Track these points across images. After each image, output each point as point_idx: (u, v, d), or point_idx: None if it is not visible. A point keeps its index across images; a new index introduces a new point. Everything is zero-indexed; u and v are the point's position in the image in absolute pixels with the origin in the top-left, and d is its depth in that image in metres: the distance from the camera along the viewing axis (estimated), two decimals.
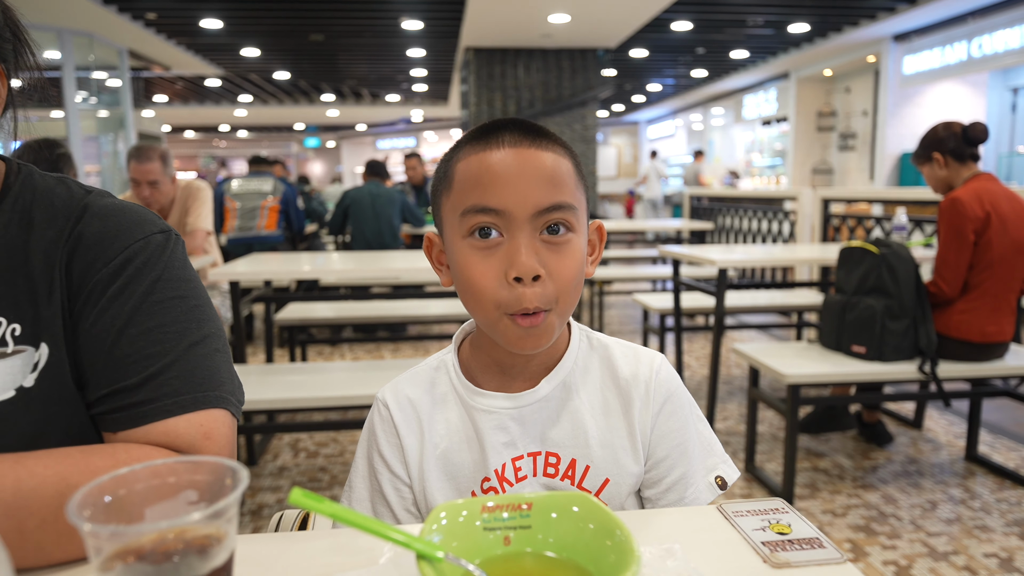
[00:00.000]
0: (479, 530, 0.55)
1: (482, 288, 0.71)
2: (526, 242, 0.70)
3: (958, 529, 2.30)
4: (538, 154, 0.72)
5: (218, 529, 0.46)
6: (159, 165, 3.14)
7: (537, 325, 0.71)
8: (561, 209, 0.71)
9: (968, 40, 7.96)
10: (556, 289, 0.71)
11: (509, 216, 0.70)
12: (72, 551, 0.59)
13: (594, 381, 0.81)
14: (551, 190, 0.71)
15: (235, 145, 22.08)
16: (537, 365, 0.81)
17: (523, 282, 0.69)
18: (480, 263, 0.71)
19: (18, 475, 0.58)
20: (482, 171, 0.71)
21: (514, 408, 0.78)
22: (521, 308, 0.70)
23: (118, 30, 7.06)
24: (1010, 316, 2.54)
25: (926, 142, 2.63)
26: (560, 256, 0.71)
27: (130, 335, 0.69)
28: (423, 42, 8.58)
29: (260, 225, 4.87)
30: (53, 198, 0.73)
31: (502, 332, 0.73)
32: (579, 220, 0.73)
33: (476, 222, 0.71)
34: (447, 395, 0.82)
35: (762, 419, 3.35)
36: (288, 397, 2.31)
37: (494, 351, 0.80)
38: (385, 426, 0.81)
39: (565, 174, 0.73)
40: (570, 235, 0.72)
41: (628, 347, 0.84)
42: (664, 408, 0.80)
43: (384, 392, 0.84)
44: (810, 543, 0.61)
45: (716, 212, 6.55)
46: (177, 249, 0.75)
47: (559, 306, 0.72)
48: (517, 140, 0.72)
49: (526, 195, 0.70)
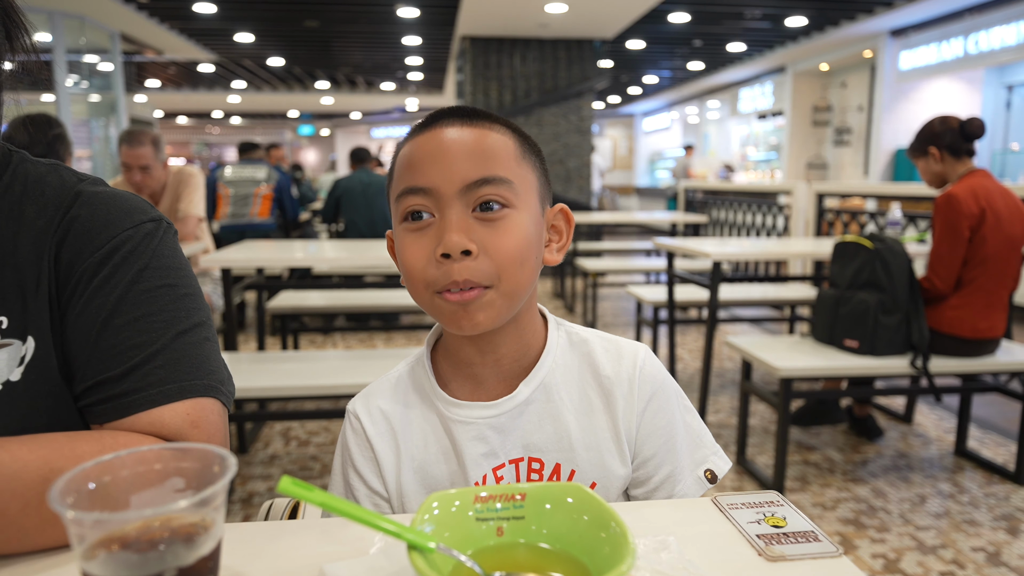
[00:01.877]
0: (471, 520, 0.54)
1: (411, 268, 0.69)
2: (456, 219, 0.67)
3: (946, 523, 2.31)
4: (468, 131, 0.70)
5: (205, 517, 0.45)
6: (151, 150, 3.11)
7: (470, 300, 0.68)
8: (492, 183, 0.68)
9: (964, 36, 7.96)
10: (495, 265, 0.68)
11: (436, 193, 0.68)
12: (56, 537, 0.59)
13: (575, 380, 0.78)
14: (479, 164, 0.68)
15: (228, 132, 21.92)
16: (511, 364, 0.77)
17: (452, 258, 0.66)
18: (412, 244, 0.69)
19: (0, 459, 0.57)
20: (412, 154, 0.71)
21: (492, 417, 0.75)
22: (449, 281, 0.67)
23: (110, 13, 6.98)
24: (1002, 312, 2.55)
25: (922, 136, 2.63)
26: (496, 232, 0.68)
27: (116, 325, 0.67)
28: (419, 30, 8.52)
29: (253, 212, 4.84)
30: (44, 187, 0.71)
31: (437, 312, 0.70)
32: (519, 197, 0.70)
33: (407, 205, 0.70)
34: (421, 404, 0.78)
35: (754, 412, 3.36)
36: (280, 385, 2.30)
37: (461, 351, 0.77)
38: (359, 440, 0.78)
39: (499, 149, 0.70)
40: (507, 211, 0.69)
41: (610, 341, 0.81)
42: (649, 406, 0.77)
43: (355, 404, 0.80)
44: (805, 536, 0.60)
45: (710, 205, 6.55)
46: (167, 237, 0.74)
47: (502, 284, 0.69)
48: (452, 122, 0.71)
49: (452, 170, 0.68)
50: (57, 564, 0.57)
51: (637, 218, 6.51)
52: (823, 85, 11.09)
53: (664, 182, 14.43)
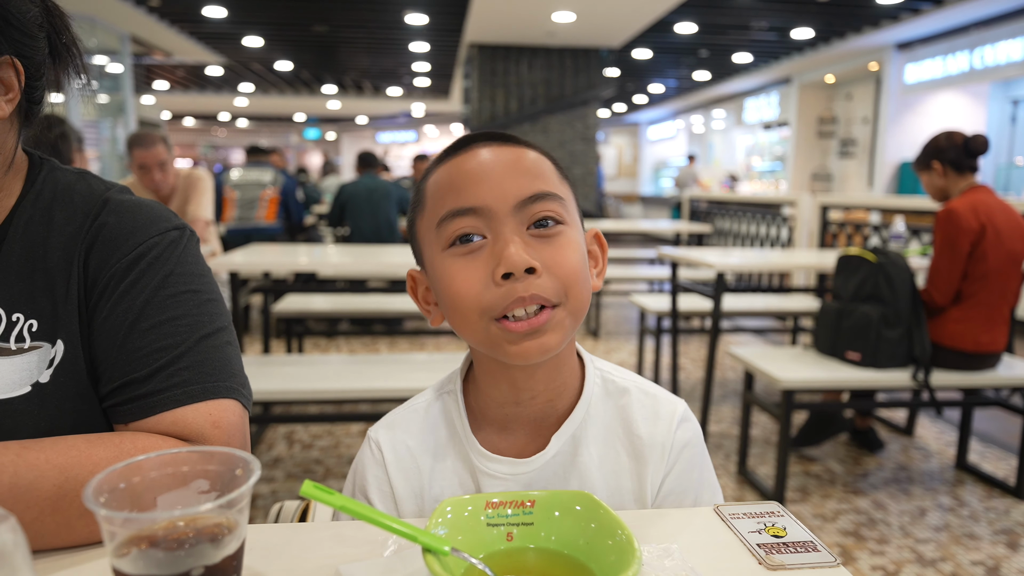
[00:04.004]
0: (483, 525, 0.56)
1: (464, 296, 0.63)
2: (514, 236, 0.63)
3: (946, 536, 2.32)
4: (507, 150, 0.67)
5: (229, 518, 0.47)
6: (163, 147, 3.15)
7: (541, 324, 0.63)
8: (546, 198, 0.65)
9: (970, 51, 7.99)
10: (562, 281, 0.64)
11: (489, 212, 0.64)
12: (71, 538, 0.60)
13: (606, 433, 0.73)
14: (531, 179, 0.65)
15: (234, 134, 22.01)
16: (545, 406, 0.72)
17: (515, 278, 0.61)
18: (462, 270, 0.64)
19: (16, 468, 0.58)
20: (453, 176, 0.66)
21: (523, 474, 0.70)
22: (513, 300, 0.62)
23: (121, 15, 7.04)
24: (1003, 327, 2.56)
25: (927, 150, 2.66)
26: (555, 248, 0.64)
27: (141, 328, 0.70)
28: (427, 36, 8.58)
29: (259, 216, 4.87)
30: (73, 195, 0.74)
31: (495, 343, 0.64)
32: (570, 214, 0.67)
33: (455, 229, 0.64)
34: (451, 447, 0.74)
35: (755, 423, 3.37)
36: (284, 389, 2.32)
37: (495, 389, 0.72)
38: (378, 472, 0.74)
39: (542, 165, 0.68)
40: (561, 227, 0.66)
41: (648, 395, 0.75)
42: (675, 467, 0.73)
43: (379, 434, 0.75)
44: (804, 546, 0.62)
45: (715, 215, 6.57)
46: (191, 245, 0.77)
47: (569, 301, 0.64)
48: (488, 143, 0.68)
49: (504, 187, 0.64)
50: (89, 559, 0.59)
51: (641, 227, 6.52)
52: (828, 97, 11.12)
53: (668, 191, 14.47)
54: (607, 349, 4.96)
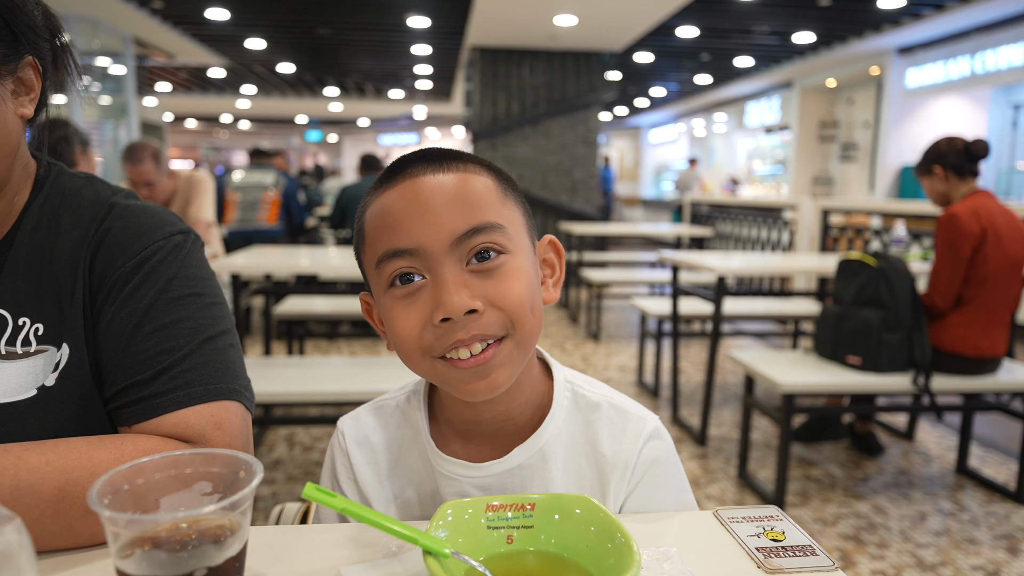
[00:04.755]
0: (483, 528, 0.56)
1: (405, 338, 0.63)
2: (451, 277, 0.61)
3: (946, 541, 2.32)
4: (443, 178, 0.64)
5: (232, 520, 0.48)
6: (152, 166, 3.16)
7: (487, 361, 0.62)
8: (484, 231, 0.62)
9: (971, 55, 8.00)
10: (507, 314, 0.62)
11: (425, 253, 0.62)
12: (72, 540, 0.61)
13: (572, 449, 0.72)
14: (467, 211, 0.62)
15: (236, 136, 22.05)
16: (505, 423, 0.71)
17: (453, 320, 0.61)
18: (402, 312, 0.63)
19: (17, 471, 0.58)
20: (385, 213, 0.64)
21: (478, 478, 0.70)
22: (452, 341, 0.61)
23: (123, 17, 7.05)
24: (1004, 331, 2.56)
25: (928, 155, 2.66)
26: (498, 280, 0.63)
27: (145, 332, 0.70)
28: (429, 39, 8.59)
29: (261, 218, 4.88)
30: (80, 200, 0.75)
31: (442, 379, 0.64)
32: (512, 240, 0.65)
33: (392, 269, 0.63)
34: (412, 446, 0.75)
35: (756, 426, 3.37)
36: (285, 391, 2.32)
37: (453, 407, 0.72)
38: (344, 462, 0.76)
39: (481, 192, 0.64)
40: (503, 257, 0.63)
41: (619, 411, 0.73)
42: (640, 486, 0.71)
43: (345, 426, 0.77)
44: (803, 550, 0.62)
45: (716, 218, 6.58)
46: (195, 248, 0.77)
47: (516, 332, 0.63)
48: (419, 171, 0.65)
49: (438, 223, 0.61)
50: (92, 560, 0.60)
51: (642, 230, 6.54)
52: (830, 101, 11.13)
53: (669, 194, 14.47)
54: (608, 352, 4.96)
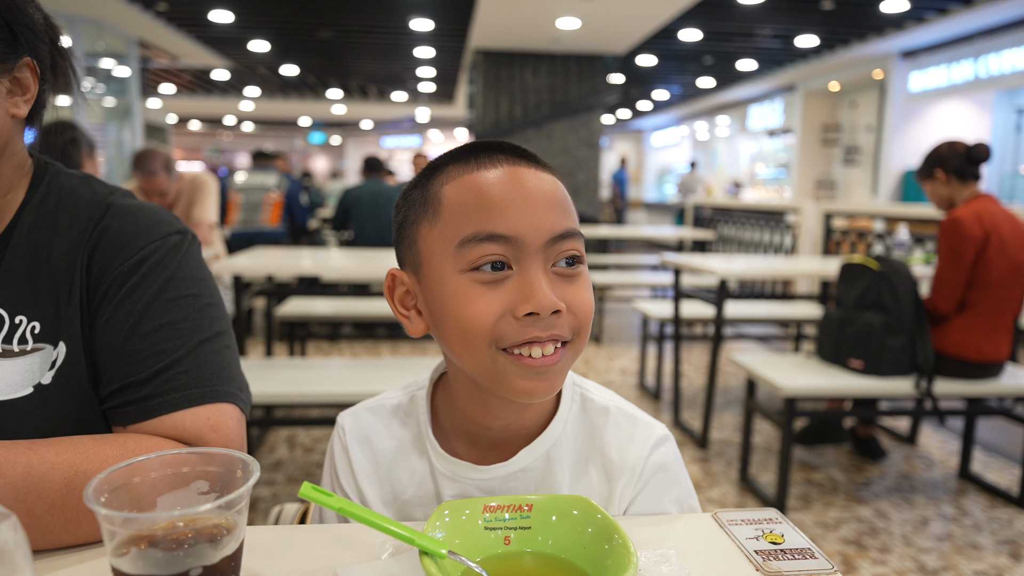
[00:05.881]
0: (480, 529, 0.56)
1: (478, 324, 0.60)
2: (544, 275, 0.61)
3: (949, 546, 2.31)
4: (542, 176, 0.64)
5: (228, 519, 0.47)
6: (164, 176, 3.19)
7: (554, 364, 0.61)
8: (573, 237, 0.63)
9: (975, 59, 7.99)
10: (578, 322, 0.63)
11: (520, 244, 0.60)
12: (79, 535, 0.61)
13: (580, 452, 0.72)
14: (562, 214, 0.63)
15: (240, 138, 22.10)
16: (513, 427, 0.70)
17: (538, 317, 0.60)
18: (481, 298, 0.60)
19: (29, 460, 0.59)
20: (484, 193, 0.62)
21: (481, 480, 0.69)
22: (530, 337, 0.60)
23: (128, 19, 7.08)
24: (1007, 336, 2.56)
25: (930, 159, 2.66)
26: (577, 287, 0.63)
27: (142, 331, 0.70)
28: (432, 42, 8.61)
29: (263, 219, 4.89)
30: (77, 199, 0.75)
31: (500, 373, 0.62)
32: (583, 251, 0.66)
33: (481, 253, 0.60)
34: (413, 446, 0.74)
35: (757, 430, 3.36)
36: (286, 392, 2.32)
37: (466, 407, 0.70)
38: (343, 460, 0.75)
39: (569, 199, 0.65)
40: (582, 267, 0.64)
41: (626, 418, 0.73)
42: (645, 490, 0.71)
43: (345, 422, 0.76)
44: (802, 553, 0.62)
45: (718, 221, 6.57)
46: (192, 249, 0.77)
47: (579, 339, 0.64)
48: (516, 161, 0.64)
49: (539, 219, 0.61)
50: (88, 559, 0.60)
51: (644, 233, 6.53)
52: (833, 104, 11.12)
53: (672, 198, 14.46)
54: (609, 355, 4.95)
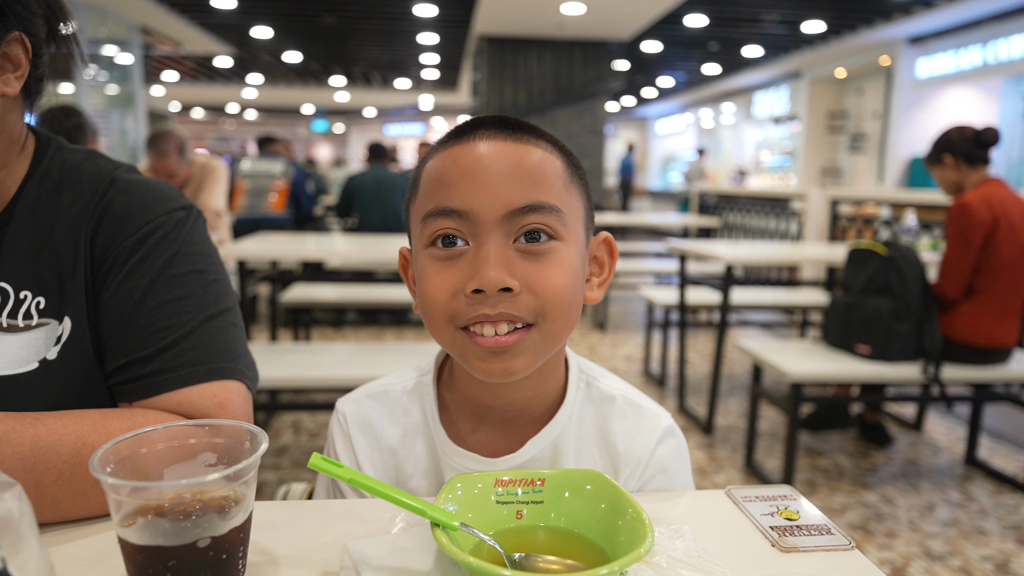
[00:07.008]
0: (493, 503, 0.55)
1: (433, 301, 0.60)
2: (495, 251, 0.58)
3: (955, 531, 2.31)
4: (515, 147, 0.61)
5: (236, 491, 0.47)
6: (176, 159, 3.19)
7: (508, 346, 0.59)
8: (540, 210, 0.59)
9: (983, 45, 7.91)
10: (540, 302, 0.59)
11: (473, 218, 0.59)
12: (86, 508, 0.61)
13: (585, 441, 0.71)
14: (527, 187, 0.59)
15: (243, 126, 22.05)
16: (521, 411, 0.69)
17: (485, 294, 0.58)
18: (437, 274, 0.60)
19: (36, 431, 0.59)
20: (447, 169, 0.61)
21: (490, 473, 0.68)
22: (477, 314, 0.58)
23: (130, 5, 7.04)
24: (1015, 321, 2.54)
25: (938, 144, 2.63)
26: (541, 266, 0.60)
27: (147, 307, 0.70)
28: (435, 28, 8.55)
29: (268, 205, 4.88)
30: (81, 174, 0.74)
31: (461, 352, 0.61)
32: (567, 228, 0.61)
33: (437, 228, 0.60)
34: (419, 433, 0.72)
35: (763, 416, 3.35)
36: (291, 376, 2.32)
37: (468, 388, 0.69)
38: (346, 444, 0.73)
39: (548, 172, 0.61)
40: (554, 243, 0.60)
41: (632, 407, 0.72)
42: (650, 484, 0.71)
43: (345, 406, 0.74)
44: (818, 529, 0.61)
45: (723, 209, 6.54)
46: (198, 225, 0.76)
47: (546, 323, 0.60)
48: (493, 134, 0.62)
49: (494, 193, 0.59)
50: (95, 532, 0.59)
51: (649, 220, 6.50)
52: (839, 91, 11.04)
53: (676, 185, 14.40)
54: (614, 342, 4.94)
